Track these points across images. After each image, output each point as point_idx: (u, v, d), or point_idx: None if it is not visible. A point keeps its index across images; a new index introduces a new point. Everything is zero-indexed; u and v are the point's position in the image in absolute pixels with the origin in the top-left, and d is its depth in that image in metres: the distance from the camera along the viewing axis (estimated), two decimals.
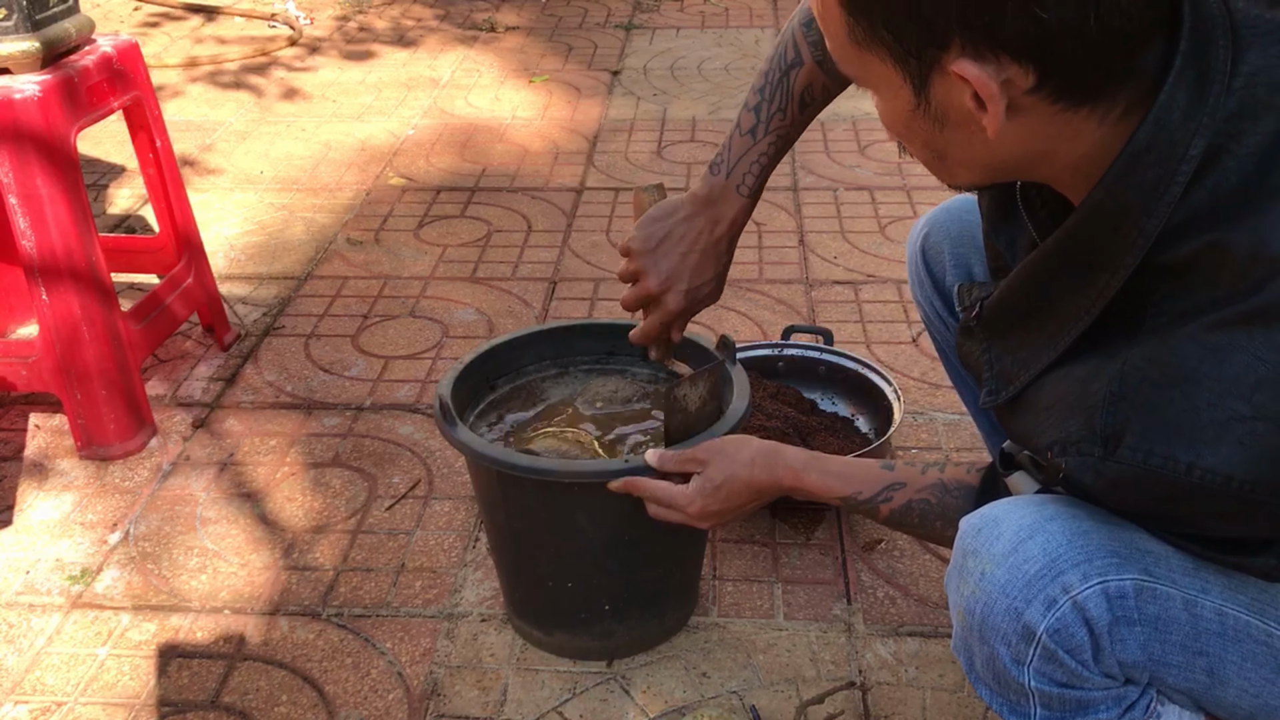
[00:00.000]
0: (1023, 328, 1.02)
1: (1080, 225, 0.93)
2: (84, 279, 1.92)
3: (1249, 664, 0.98)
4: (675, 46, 4.38)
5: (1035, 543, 0.98)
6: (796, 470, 1.29)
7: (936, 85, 0.88)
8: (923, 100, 0.90)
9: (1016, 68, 0.84)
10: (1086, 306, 0.95)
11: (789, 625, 1.64)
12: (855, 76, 0.96)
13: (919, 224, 1.50)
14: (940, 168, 0.99)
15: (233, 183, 3.20)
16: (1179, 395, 0.87)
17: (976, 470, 1.22)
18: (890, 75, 0.90)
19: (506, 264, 2.71)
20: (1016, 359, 1.03)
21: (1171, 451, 0.87)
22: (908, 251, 1.52)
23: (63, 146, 1.85)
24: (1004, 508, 1.03)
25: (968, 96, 0.87)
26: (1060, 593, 0.96)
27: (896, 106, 0.93)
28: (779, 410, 1.90)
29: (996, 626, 1.00)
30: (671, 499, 1.34)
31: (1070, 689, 1.00)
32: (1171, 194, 0.86)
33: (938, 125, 0.92)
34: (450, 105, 3.77)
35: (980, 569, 1.00)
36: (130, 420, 2.04)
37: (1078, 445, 0.93)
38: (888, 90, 0.93)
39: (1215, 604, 0.97)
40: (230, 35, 4.56)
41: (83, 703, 1.54)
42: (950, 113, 0.90)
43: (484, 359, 1.61)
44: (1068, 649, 0.97)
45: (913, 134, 0.95)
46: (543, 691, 1.53)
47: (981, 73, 0.84)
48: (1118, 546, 0.97)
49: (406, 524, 1.86)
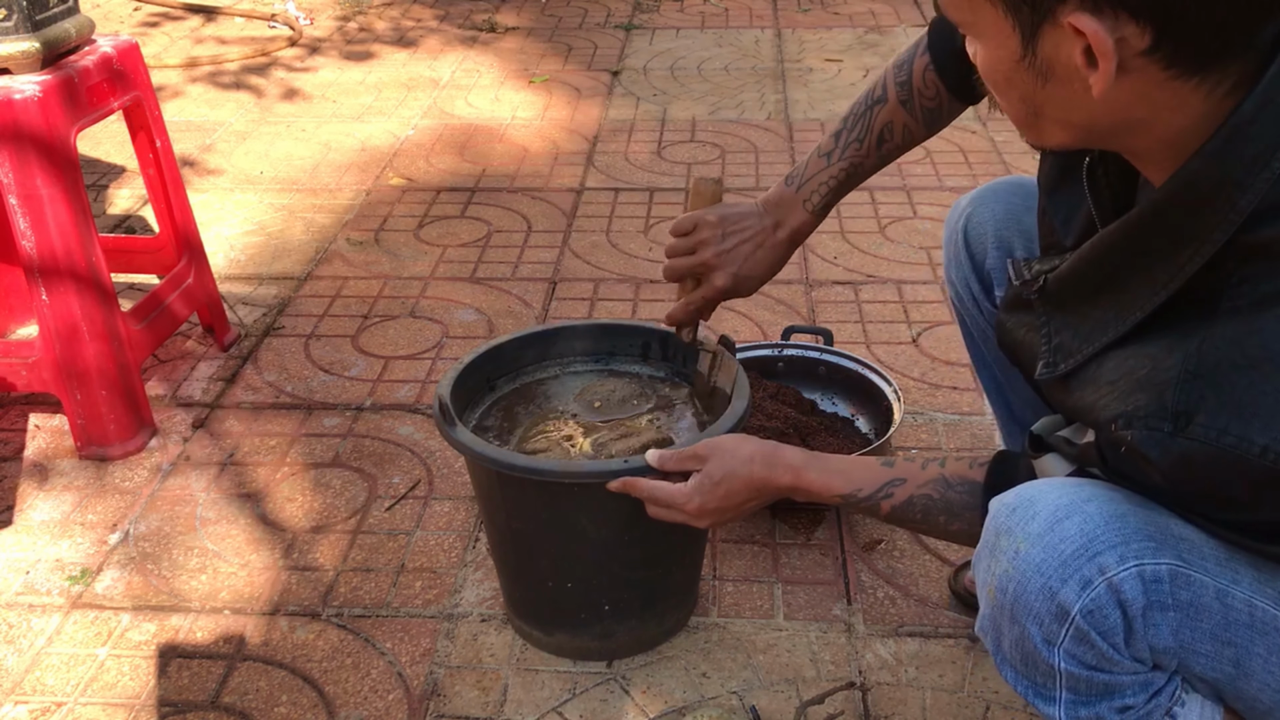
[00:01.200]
0: (1090, 302, 1.01)
1: (1171, 196, 0.91)
2: (84, 279, 1.92)
3: (1274, 658, 0.98)
4: (675, 47, 4.38)
5: (1072, 523, 0.97)
6: (796, 468, 1.29)
7: (1046, 37, 0.88)
8: (1030, 51, 0.89)
9: (1134, 26, 0.83)
10: (1163, 282, 0.93)
11: (789, 625, 1.64)
12: (961, 21, 0.95)
13: (961, 204, 1.47)
14: (1033, 125, 0.97)
15: (233, 183, 3.20)
16: (1260, 378, 0.86)
17: (979, 465, 1.21)
18: (999, 22, 0.90)
19: (506, 264, 2.71)
20: (1079, 333, 1.02)
21: (1247, 432, 0.86)
22: (946, 231, 1.50)
23: (63, 147, 1.85)
24: (1040, 488, 1.02)
25: (1078, 51, 0.86)
26: (1096, 573, 0.96)
27: (1001, 56, 0.92)
28: (779, 410, 1.90)
29: (1029, 605, 0.99)
30: (670, 498, 1.34)
31: (1099, 672, 1.00)
32: (1271, 170, 0.86)
33: (1041, 79, 0.91)
34: (450, 106, 3.77)
35: (1014, 547, 1.00)
36: (130, 420, 2.04)
37: (1146, 420, 0.91)
38: (994, 38, 0.92)
39: (1246, 595, 0.97)
40: (230, 35, 4.56)
41: (83, 703, 1.54)
42: (1056, 67, 0.89)
43: (484, 359, 1.61)
44: (1100, 630, 0.97)
45: (1012, 86, 0.94)
46: (543, 692, 1.53)
47: (1099, 27, 0.83)
48: (1153, 531, 0.97)
49: (406, 524, 1.86)
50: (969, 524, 1.18)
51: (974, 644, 1.59)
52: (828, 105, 3.67)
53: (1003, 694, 1.51)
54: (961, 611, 1.65)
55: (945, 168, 3.19)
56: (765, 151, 3.33)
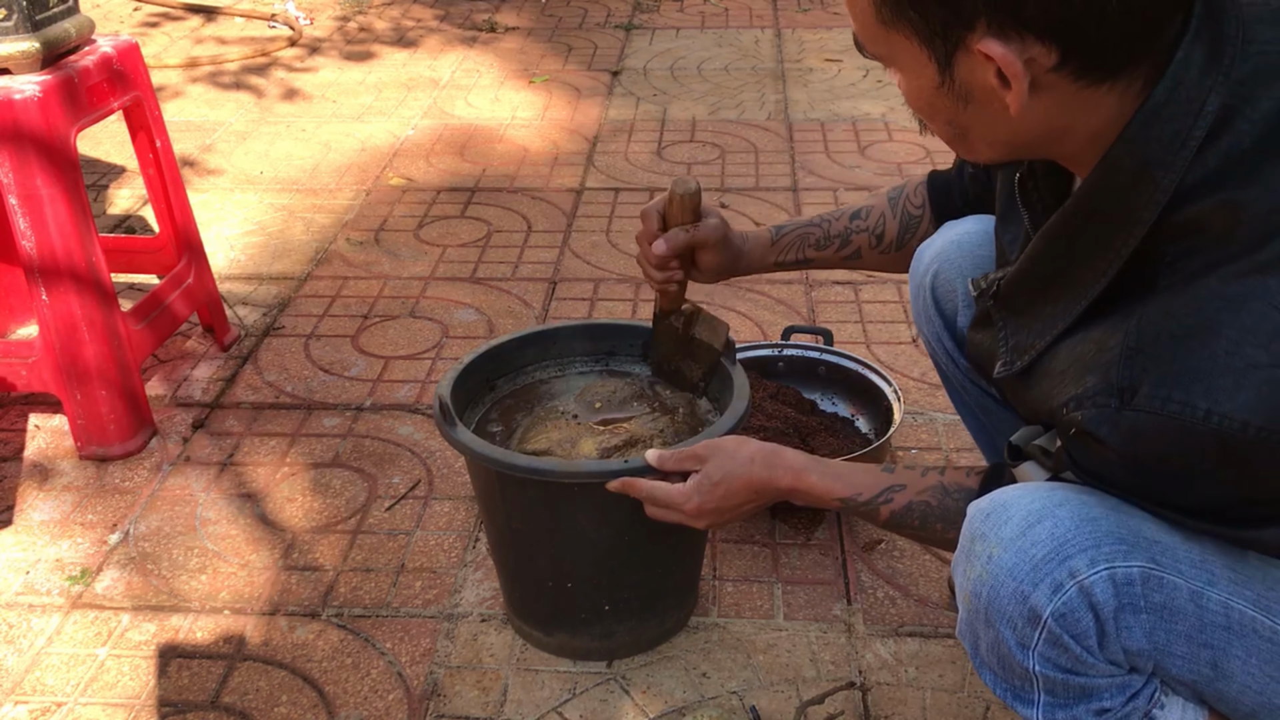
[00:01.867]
0: (1040, 298, 1.03)
1: (1098, 183, 0.94)
2: (84, 279, 1.92)
3: (1253, 659, 0.98)
4: (675, 47, 4.38)
5: (1043, 527, 0.98)
6: (796, 470, 1.29)
7: (961, 64, 0.91)
8: (947, 78, 0.93)
9: (1040, 47, 0.86)
10: (1103, 269, 0.95)
11: (789, 625, 1.64)
12: (880, 56, 0.98)
13: (925, 259, 1.47)
14: (962, 144, 1.01)
15: (233, 183, 3.20)
16: (1196, 344, 0.88)
17: (975, 473, 1.21)
18: (915, 54, 0.93)
19: (506, 264, 2.71)
20: (1032, 330, 1.04)
21: (1189, 398, 0.87)
22: (912, 285, 1.50)
23: (63, 147, 1.85)
24: (1013, 493, 1.03)
25: (991, 74, 0.89)
26: (1067, 577, 0.96)
27: (921, 84, 0.96)
28: (779, 410, 1.90)
29: (1002, 609, 1.00)
30: (669, 498, 1.34)
31: (1074, 675, 1.00)
32: (1188, 148, 0.88)
33: (961, 103, 0.94)
34: (450, 106, 3.77)
35: (988, 552, 1.01)
36: (130, 420, 2.04)
37: (1094, 398, 0.93)
38: (912, 69, 0.95)
39: (1222, 597, 0.97)
40: (230, 36, 4.56)
41: (83, 703, 1.54)
42: (974, 90, 0.92)
43: (484, 359, 1.61)
44: (1073, 634, 0.97)
45: (936, 111, 0.98)
46: (543, 692, 1.53)
47: (1006, 51, 0.86)
48: (1125, 534, 0.97)
49: (406, 524, 1.86)
50: None
51: None
52: (828, 105, 3.67)
53: None
54: None
55: (945, 167, 3.18)
56: (765, 151, 3.33)
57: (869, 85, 3.87)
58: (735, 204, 2.99)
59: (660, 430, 1.55)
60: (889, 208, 1.52)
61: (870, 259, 1.54)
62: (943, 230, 1.46)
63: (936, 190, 1.49)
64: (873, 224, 1.52)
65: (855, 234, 1.52)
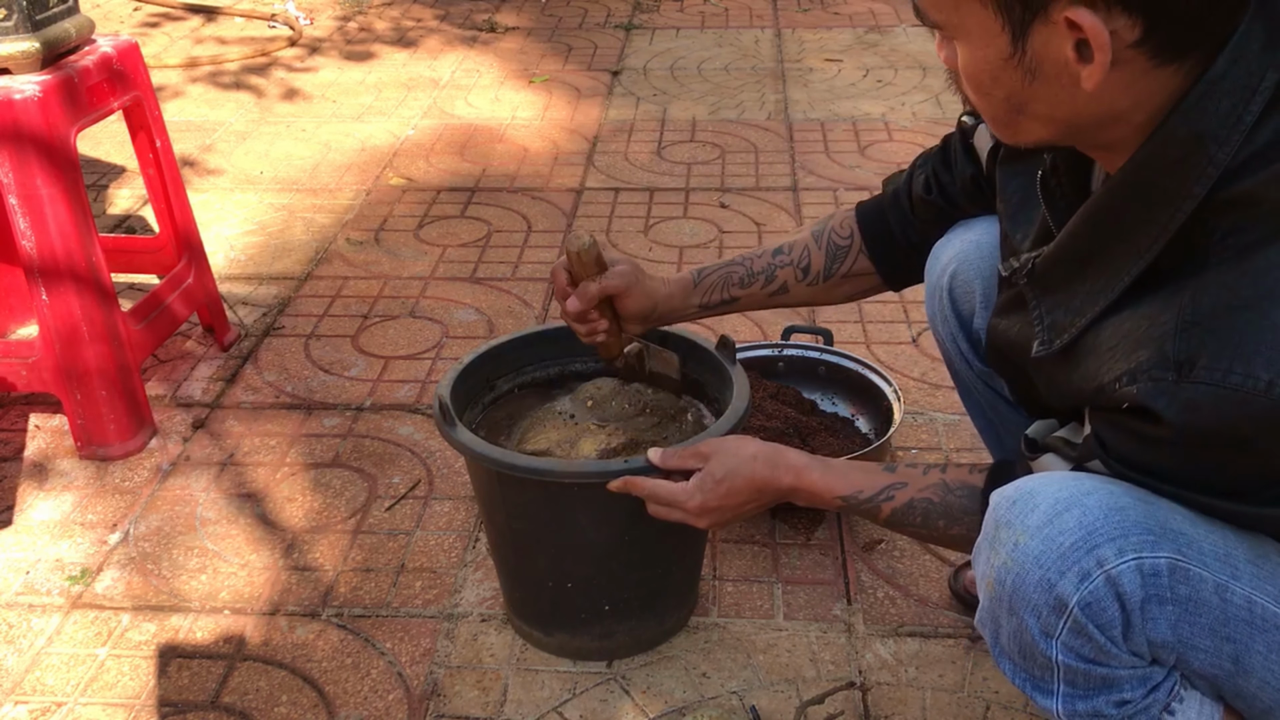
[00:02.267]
0: (1079, 276, 1.02)
1: (1149, 156, 0.93)
2: (84, 279, 1.92)
3: (1274, 655, 0.98)
4: (675, 46, 4.38)
5: (1071, 515, 0.97)
6: (798, 469, 1.29)
7: (1037, 34, 0.89)
8: (1019, 49, 0.91)
9: (1125, 19, 0.86)
10: (1147, 244, 0.94)
11: (789, 625, 1.64)
12: (943, 23, 0.96)
13: (942, 258, 1.45)
14: (1012, 123, 0.99)
15: (233, 183, 3.20)
16: (1257, 316, 0.87)
17: (979, 470, 1.21)
18: (987, 22, 0.91)
19: (506, 264, 2.71)
20: (1070, 308, 1.02)
21: (1250, 369, 0.87)
22: (928, 285, 1.48)
23: (63, 147, 1.85)
24: (1040, 481, 1.02)
25: (1069, 47, 0.88)
26: (1095, 566, 0.96)
27: (988, 55, 0.93)
28: (779, 410, 1.90)
29: (1027, 597, 0.99)
30: (671, 496, 1.34)
31: (1096, 665, 1.00)
32: (1244, 123, 0.88)
33: (1029, 76, 0.92)
34: (450, 106, 3.77)
35: (1014, 539, 1.00)
36: (130, 420, 2.04)
37: (1149, 372, 0.92)
38: (981, 38, 0.93)
39: (1245, 592, 0.97)
40: (230, 36, 4.56)
41: (83, 703, 1.54)
42: (1045, 64, 0.91)
43: (484, 359, 1.61)
44: (1098, 623, 0.97)
45: (998, 85, 0.95)
46: (543, 692, 1.53)
47: (1096, 20, 0.85)
48: (1153, 524, 0.97)
49: (406, 524, 1.86)
50: (968, 529, 1.18)
51: (974, 644, 1.59)
52: (828, 105, 3.67)
53: (1003, 694, 1.51)
54: (961, 611, 1.65)
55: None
56: (765, 151, 3.33)
57: (869, 85, 3.87)
58: (735, 204, 2.99)
59: (656, 423, 1.55)
60: (812, 240, 1.51)
61: (798, 292, 1.52)
62: (957, 231, 1.44)
63: (868, 219, 1.48)
64: (797, 257, 1.51)
65: (779, 269, 1.51)
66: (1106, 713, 1.03)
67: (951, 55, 0.98)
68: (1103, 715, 1.03)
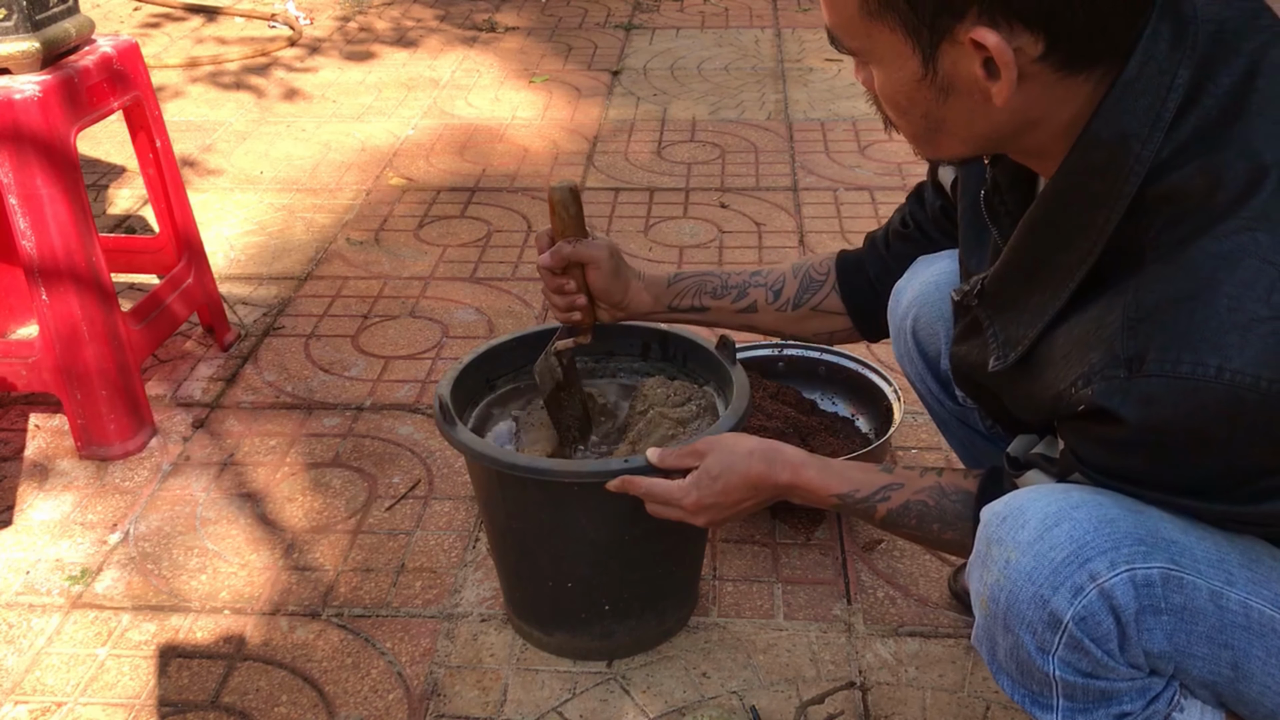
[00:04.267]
0: (1025, 290, 1.02)
1: (1076, 162, 0.95)
2: (84, 279, 1.92)
3: (1273, 660, 0.98)
4: (675, 46, 4.38)
5: (1061, 530, 0.97)
6: (795, 465, 1.29)
7: (945, 54, 0.92)
8: (930, 70, 0.93)
9: (1028, 35, 0.88)
10: (1087, 249, 0.95)
11: (789, 625, 1.64)
12: (858, 50, 0.98)
13: (904, 302, 1.45)
14: (931, 141, 1.01)
15: (233, 183, 3.20)
16: (1199, 304, 0.88)
17: (974, 476, 1.21)
18: (898, 46, 0.94)
19: (506, 264, 2.71)
20: (1021, 322, 1.03)
21: (1199, 357, 0.87)
22: (892, 326, 1.48)
23: (63, 147, 1.85)
24: (1028, 496, 1.02)
25: (977, 65, 0.91)
26: (1087, 580, 0.96)
27: (901, 77, 0.96)
28: (779, 410, 1.90)
29: (1021, 614, 0.99)
30: (668, 493, 1.34)
31: (1095, 679, 1.00)
32: (1163, 120, 0.90)
33: (942, 95, 0.95)
34: (450, 106, 3.77)
35: (1005, 557, 1.00)
36: (130, 420, 2.04)
37: (1102, 373, 0.92)
38: (893, 61, 0.95)
39: (1241, 597, 0.97)
40: (230, 36, 4.56)
41: (83, 703, 1.54)
42: (957, 82, 0.93)
43: (484, 359, 1.61)
44: (1094, 637, 0.97)
45: (914, 105, 0.98)
46: (543, 691, 1.53)
47: (999, 40, 0.88)
48: (1144, 534, 0.96)
49: (406, 524, 1.86)
50: (961, 534, 1.18)
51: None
52: (828, 105, 3.67)
53: (1003, 694, 1.50)
54: (961, 611, 1.65)
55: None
56: (765, 151, 3.33)
57: None
58: (735, 204, 2.99)
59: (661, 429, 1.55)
60: (790, 271, 1.53)
61: (766, 315, 1.53)
62: (916, 269, 1.44)
63: (845, 263, 1.51)
64: (771, 281, 1.53)
65: (753, 288, 1.53)
66: None
67: (869, 79, 1.01)
68: None
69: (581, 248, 1.47)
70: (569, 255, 1.47)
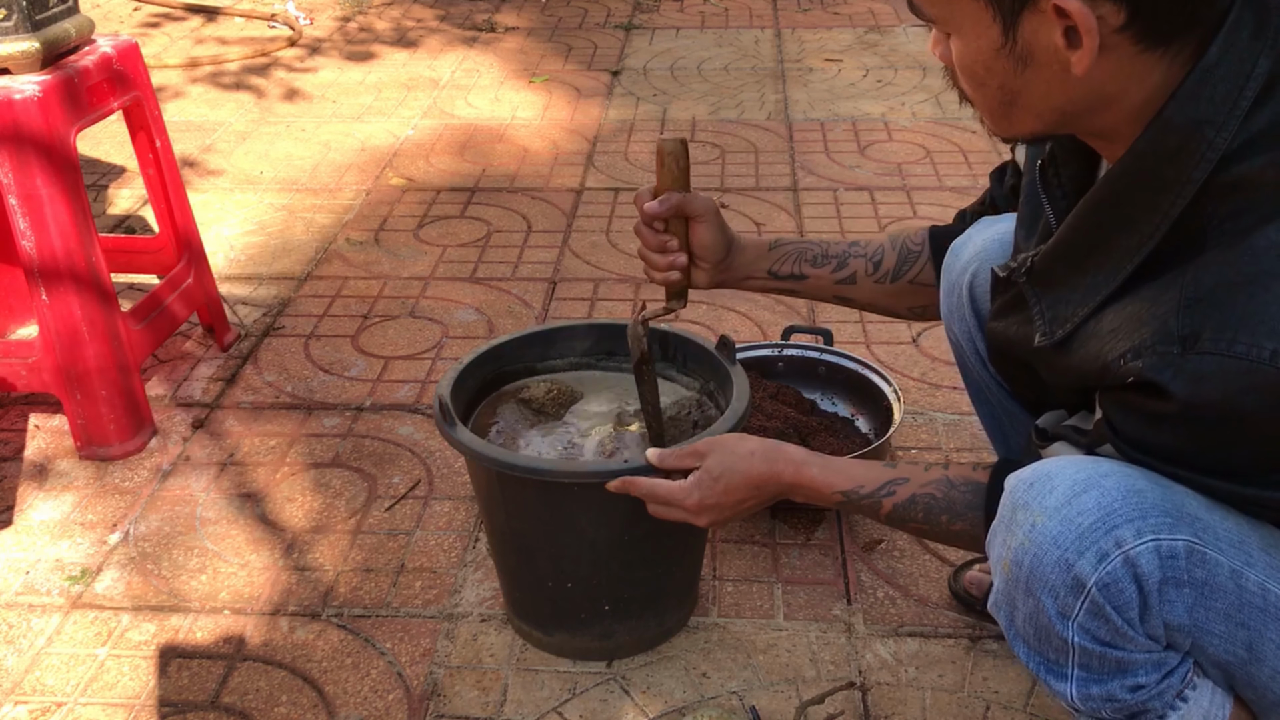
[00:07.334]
0: (1079, 269, 1.03)
1: (1148, 144, 0.95)
2: (84, 280, 1.92)
3: None
4: (675, 47, 4.38)
5: (1090, 496, 0.98)
6: (797, 463, 1.29)
7: (1026, 23, 0.92)
8: (1010, 38, 0.94)
9: (1110, 4, 0.88)
10: (1149, 231, 0.96)
11: (789, 625, 1.64)
12: (937, 17, 0.99)
13: (964, 257, 1.42)
14: (1006, 115, 1.01)
15: (233, 183, 3.20)
16: (1259, 289, 0.89)
17: (983, 468, 1.21)
18: (978, 13, 0.94)
19: (506, 264, 2.71)
20: (1071, 301, 1.03)
21: (1255, 339, 0.88)
22: (945, 282, 1.46)
23: (62, 147, 1.86)
24: (1057, 464, 1.03)
25: (1058, 33, 0.91)
26: (1113, 546, 0.96)
27: (980, 46, 0.96)
28: (779, 410, 1.90)
29: (1045, 578, 0.99)
30: (670, 495, 1.34)
31: (1112, 648, 1.00)
32: (1240, 108, 0.90)
33: (1020, 65, 0.95)
34: (450, 106, 3.77)
35: (1031, 521, 1.00)
36: (130, 421, 2.04)
37: (1153, 347, 0.93)
38: (973, 30, 0.96)
39: (1260, 579, 0.98)
40: (230, 36, 4.56)
41: (83, 703, 1.54)
42: (1036, 52, 0.94)
43: (484, 359, 1.61)
44: (1115, 605, 0.97)
45: (991, 75, 0.98)
46: (542, 692, 1.53)
47: (1082, 6, 0.88)
48: (1170, 507, 0.97)
49: (406, 524, 1.86)
50: (971, 525, 1.18)
51: (974, 644, 1.59)
52: (828, 105, 3.67)
53: (1003, 694, 1.51)
54: (961, 611, 1.65)
55: (945, 168, 3.19)
56: (765, 151, 3.33)
57: (869, 85, 3.87)
58: (735, 204, 2.99)
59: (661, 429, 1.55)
60: (888, 243, 1.52)
61: (864, 287, 1.51)
62: (980, 228, 1.43)
63: (937, 233, 1.50)
64: (871, 252, 1.52)
65: (853, 258, 1.51)
66: (1120, 697, 1.03)
67: (946, 51, 1.01)
68: (1116, 700, 1.03)
69: (691, 199, 1.43)
70: (678, 203, 1.42)
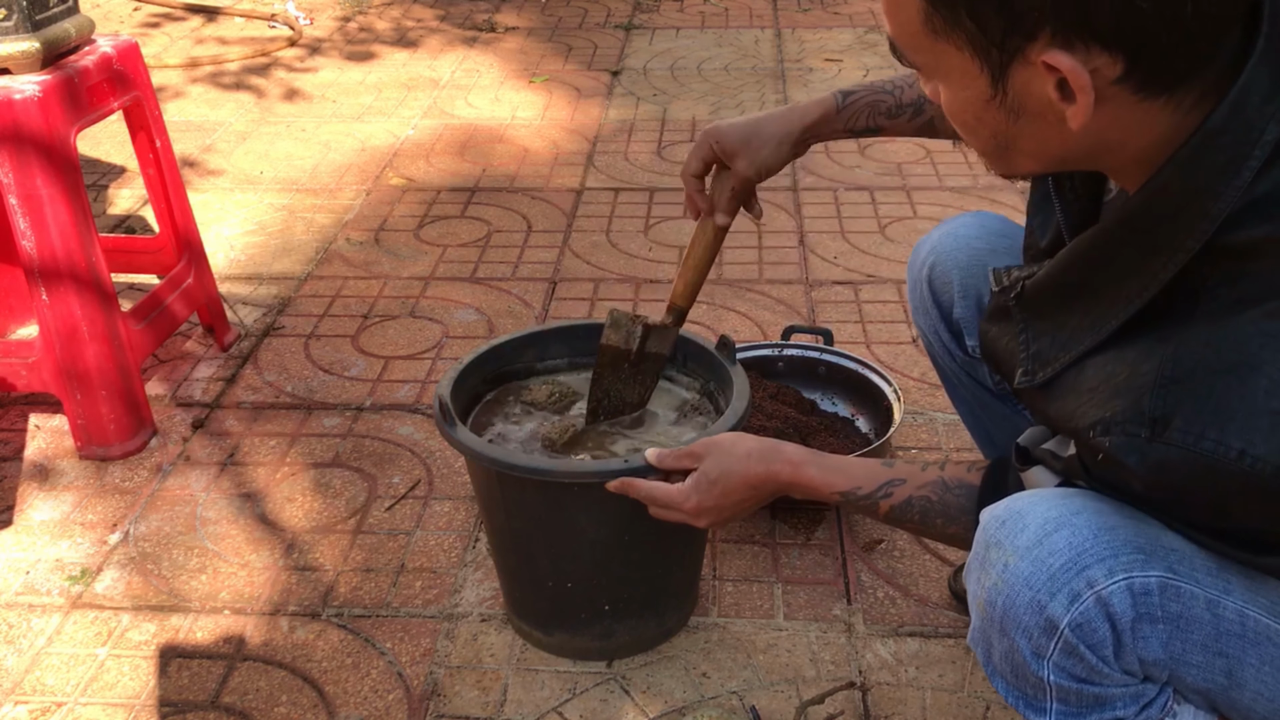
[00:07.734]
0: (1065, 309, 1.01)
1: (1143, 205, 0.91)
2: (84, 280, 1.92)
3: (1267, 668, 0.98)
4: (675, 46, 4.38)
5: (1061, 536, 0.97)
6: (795, 463, 1.29)
7: (1016, 75, 0.87)
8: (999, 90, 0.89)
9: (1105, 57, 0.83)
10: (1138, 290, 0.93)
11: (789, 625, 1.64)
12: (923, 65, 0.95)
13: (922, 252, 1.46)
14: (1002, 159, 0.98)
15: (233, 183, 3.20)
16: (1236, 381, 0.86)
17: (977, 469, 1.21)
18: (966, 65, 0.89)
19: (506, 264, 2.71)
20: (1055, 340, 1.01)
21: (1223, 437, 0.86)
22: (909, 278, 1.49)
23: (62, 147, 1.85)
24: (1029, 500, 1.02)
25: (1051, 87, 0.86)
26: (1085, 587, 0.95)
27: (968, 97, 0.92)
28: (779, 410, 1.90)
29: (1018, 619, 0.99)
30: (668, 497, 1.34)
31: (1089, 685, 1.00)
32: (1242, 178, 0.86)
33: (1012, 116, 0.91)
34: (450, 106, 3.77)
35: (1004, 560, 1.00)
36: (130, 420, 2.04)
37: (1123, 426, 0.91)
38: (960, 80, 0.91)
39: (1237, 605, 0.97)
40: (230, 36, 4.56)
41: (83, 703, 1.54)
42: (1028, 103, 0.89)
43: (484, 359, 1.61)
44: (1089, 644, 0.97)
45: (982, 124, 0.94)
46: (542, 692, 1.53)
47: (1074, 63, 0.83)
48: (1143, 543, 0.96)
49: (406, 524, 1.86)
50: (964, 528, 1.18)
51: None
52: None
53: None
54: (961, 612, 1.65)
55: (945, 167, 3.19)
56: None
57: None
58: None
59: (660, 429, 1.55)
60: None
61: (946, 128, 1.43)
62: (939, 225, 1.46)
63: None
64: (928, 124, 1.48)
65: (929, 103, 1.46)
66: None
67: (935, 93, 0.97)
68: None
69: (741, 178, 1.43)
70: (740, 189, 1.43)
